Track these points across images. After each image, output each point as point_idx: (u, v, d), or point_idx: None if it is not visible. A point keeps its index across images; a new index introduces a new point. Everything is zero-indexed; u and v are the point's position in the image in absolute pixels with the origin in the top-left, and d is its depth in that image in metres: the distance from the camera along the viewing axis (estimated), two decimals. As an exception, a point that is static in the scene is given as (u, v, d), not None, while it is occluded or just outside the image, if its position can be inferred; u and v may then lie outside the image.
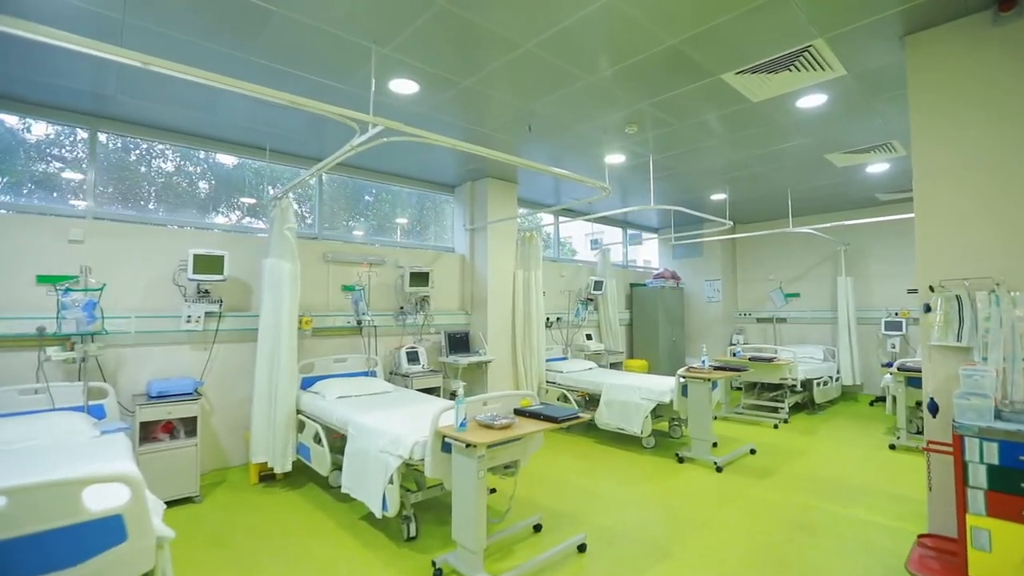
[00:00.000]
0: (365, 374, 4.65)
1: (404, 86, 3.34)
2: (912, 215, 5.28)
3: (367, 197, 5.65)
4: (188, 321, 3.84)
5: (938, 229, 2.62)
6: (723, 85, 3.37)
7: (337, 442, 3.60)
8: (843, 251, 7.22)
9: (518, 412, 2.93)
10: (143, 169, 4.14)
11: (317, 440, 3.60)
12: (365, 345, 4.86)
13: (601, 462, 4.46)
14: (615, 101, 3.61)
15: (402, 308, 5.21)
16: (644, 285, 7.86)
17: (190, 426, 3.61)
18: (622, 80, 3.29)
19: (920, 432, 5.16)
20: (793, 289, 7.96)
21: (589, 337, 6.75)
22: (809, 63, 3.08)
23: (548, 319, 6.49)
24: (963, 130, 2.57)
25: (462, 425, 2.54)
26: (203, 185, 4.45)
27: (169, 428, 3.59)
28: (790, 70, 3.17)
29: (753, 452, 4.65)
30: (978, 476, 2.09)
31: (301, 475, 4.04)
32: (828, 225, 5.99)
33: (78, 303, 3.20)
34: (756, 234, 6.49)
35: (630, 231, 8.62)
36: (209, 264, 3.78)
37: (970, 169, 2.54)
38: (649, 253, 9.91)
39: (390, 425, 3.03)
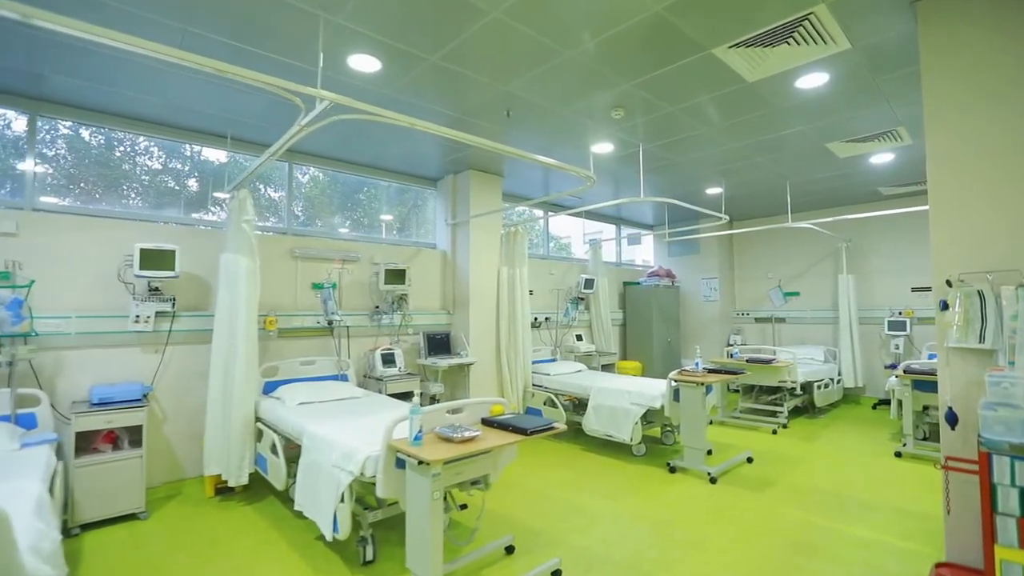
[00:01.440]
0: (335, 378, 4.35)
1: (364, 63, 3.04)
2: (919, 208, 5.07)
3: (360, 196, 5.36)
4: (136, 321, 3.54)
5: (955, 216, 2.32)
6: (715, 62, 3.07)
7: (295, 453, 3.29)
8: (844, 248, 6.92)
9: (486, 422, 2.63)
10: (88, 161, 3.84)
11: (274, 451, 3.30)
12: (336, 347, 4.56)
13: (587, 471, 4.15)
14: (599, 81, 3.31)
15: (378, 307, 4.91)
16: (638, 283, 7.56)
17: (135, 436, 3.31)
18: (604, 56, 2.99)
19: (927, 438, 4.86)
20: (793, 288, 7.67)
21: (579, 338, 6.45)
22: (810, 35, 2.78)
23: (536, 319, 6.19)
24: (987, 102, 2.27)
25: (416, 438, 2.24)
26: (161, 177, 4.16)
27: (112, 438, 3.29)
28: (788, 43, 2.87)
29: (750, 461, 4.35)
30: (1009, 501, 1.79)
31: (263, 487, 3.74)
32: (829, 220, 5.69)
33: (4, 301, 2.90)
34: (754, 229, 6.19)
35: (628, 230, 8.32)
36: (158, 259, 3.48)
37: (993, 149, 2.24)
38: (649, 253, 9.61)
39: (345, 436, 2.73)
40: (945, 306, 2.29)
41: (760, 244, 8.04)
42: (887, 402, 6.48)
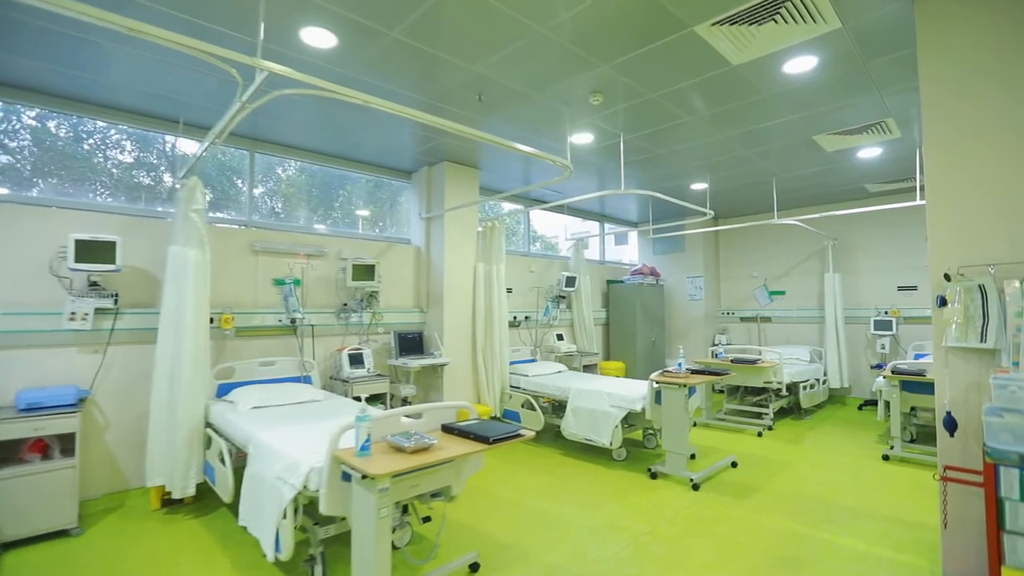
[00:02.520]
0: (297, 380, 4.08)
1: (319, 37, 2.79)
2: (907, 204, 4.95)
3: (339, 192, 5.09)
4: (72, 319, 3.25)
5: (954, 205, 2.14)
6: (698, 42, 2.86)
7: (243, 462, 3.03)
8: (831, 246, 6.80)
9: (446, 429, 2.40)
10: (15, 144, 3.53)
11: (223, 459, 3.03)
12: (299, 347, 4.29)
13: (564, 478, 3.94)
14: (575, 62, 3.09)
15: (345, 305, 4.64)
16: (621, 282, 7.37)
17: (68, 444, 3.02)
18: (580, 34, 2.77)
19: (914, 440, 4.73)
20: (778, 286, 7.54)
21: (560, 338, 6.24)
22: (798, 11, 2.59)
23: (515, 318, 5.96)
24: (988, 83, 2.09)
25: (364, 448, 2.00)
26: (108, 164, 3.86)
27: (42, 447, 3.00)
28: (775, 21, 2.67)
29: (734, 465, 4.17)
30: (1018, 518, 1.60)
31: (215, 498, 3.46)
32: (815, 216, 5.54)
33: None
34: (740, 226, 6.03)
35: (612, 227, 8.13)
36: (96, 251, 3.19)
37: (994, 132, 2.06)
38: (636, 253, 9.43)
39: (291, 445, 2.47)
40: (943, 302, 2.11)
41: (746, 242, 7.91)
42: (873, 403, 6.37)
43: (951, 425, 2.03)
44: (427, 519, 2.99)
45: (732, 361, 5.59)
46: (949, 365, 2.10)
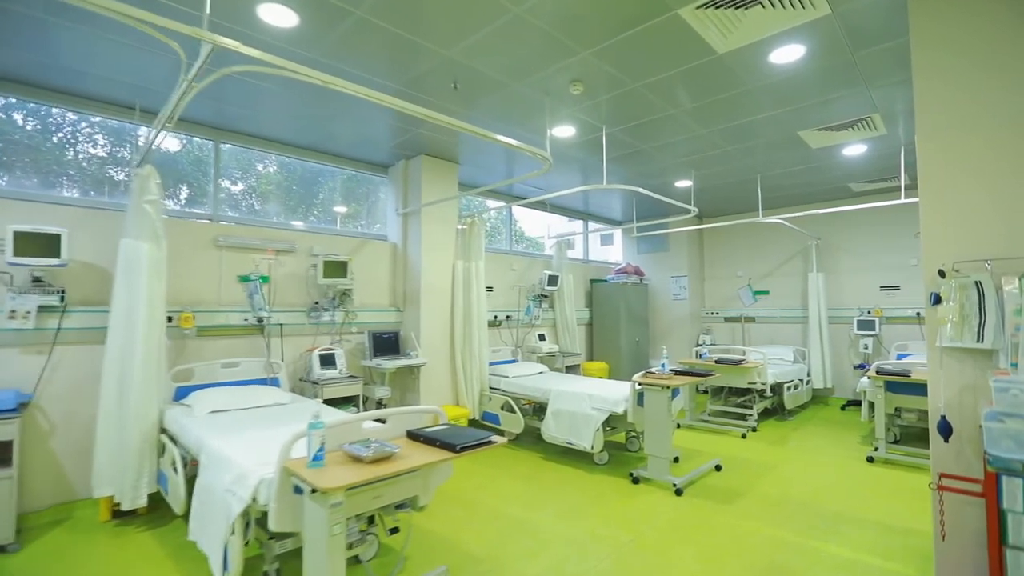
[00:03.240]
0: (263, 382, 3.87)
1: (277, 14, 2.60)
2: (892, 202, 4.89)
3: (316, 189, 4.88)
4: (12, 317, 3.01)
5: (949, 198, 2.03)
6: (682, 27, 2.73)
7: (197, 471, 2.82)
8: (814, 246, 6.75)
9: (411, 436, 2.23)
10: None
11: (176, 468, 2.82)
12: (266, 347, 4.07)
13: (543, 483, 3.79)
14: (554, 48, 2.94)
15: (317, 304, 4.44)
16: (605, 281, 7.25)
17: (5, 453, 2.78)
18: (559, 16, 2.62)
19: (898, 441, 4.67)
20: (762, 286, 7.48)
21: (542, 338, 6.09)
22: (786, -5, 2.48)
23: (495, 317, 5.80)
24: (983, 71, 1.98)
25: (316, 459, 1.82)
26: (61, 152, 3.61)
27: (-25, 456, 2.76)
28: (763, 5, 2.55)
29: (719, 469, 4.06)
30: (1022, 532, 1.48)
31: (170, 508, 3.23)
32: (800, 214, 5.47)
33: None
34: (724, 224, 5.94)
35: (596, 225, 8.00)
36: (39, 244, 2.96)
37: (992, 122, 1.95)
38: (621, 253, 9.33)
39: (243, 453, 2.28)
40: (937, 300, 1.99)
41: (730, 242, 7.84)
42: (855, 403, 6.33)
43: (946, 430, 1.92)
44: (395, 530, 2.81)
45: (716, 361, 5.49)
46: (944, 367, 1.98)
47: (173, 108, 2.39)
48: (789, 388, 5.74)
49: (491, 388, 5.03)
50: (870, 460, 4.28)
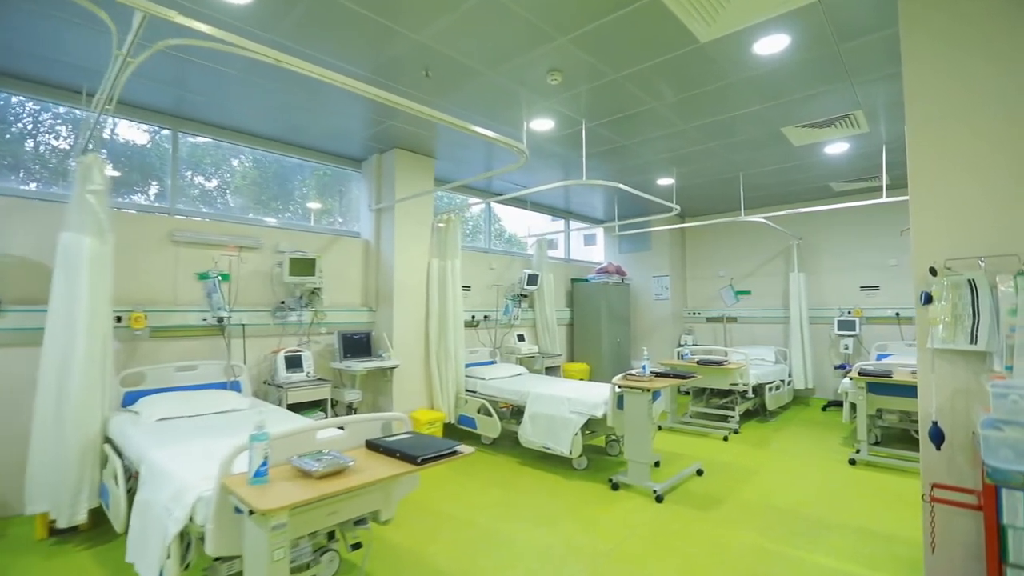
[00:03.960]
0: (222, 386, 3.65)
1: (230, -12, 2.40)
2: (874, 201, 4.83)
3: (293, 185, 4.65)
4: (-63, 317, 2.75)
5: (940, 192, 1.93)
6: (663, 12, 2.60)
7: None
8: (795, 245, 6.72)
9: (371, 446, 2.05)
10: None
11: (117, 481, 2.60)
12: (226, 349, 3.85)
13: (519, 490, 3.63)
14: (529, 33, 2.79)
15: (283, 303, 4.22)
16: (586, 280, 7.13)
17: (-75, 466, 2.53)
18: (533, -3, 2.47)
19: (879, 443, 4.62)
20: (744, 286, 7.44)
21: (521, 338, 5.93)
22: (771, -21, 2.36)
23: (473, 317, 5.63)
24: (976, 57, 1.88)
25: (259, 474, 1.64)
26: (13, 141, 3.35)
27: None
28: (747, -10, 2.43)
29: (700, 473, 3.95)
30: (1024, 550, 1.37)
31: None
32: (782, 213, 5.42)
33: None
34: (707, 223, 5.87)
35: (577, 224, 7.88)
36: (-33, 237, 2.71)
37: (985, 112, 1.85)
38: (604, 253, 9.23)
39: (185, 466, 2.08)
40: (928, 299, 1.89)
41: (712, 241, 7.79)
42: (836, 403, 6.31)
43: (938, 437, 1.81)
44: (357, 545, 2.61)
45: (698, 363, 5.40)
46: (936, 370, 1.88)
47: (111, 87, 2.18)
48: (771, 389, 5.68)
49: (467, 391, 4.86)
50: (852, 463, 4.22)
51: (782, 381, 6.02)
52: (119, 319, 3.32)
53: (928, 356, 1.90)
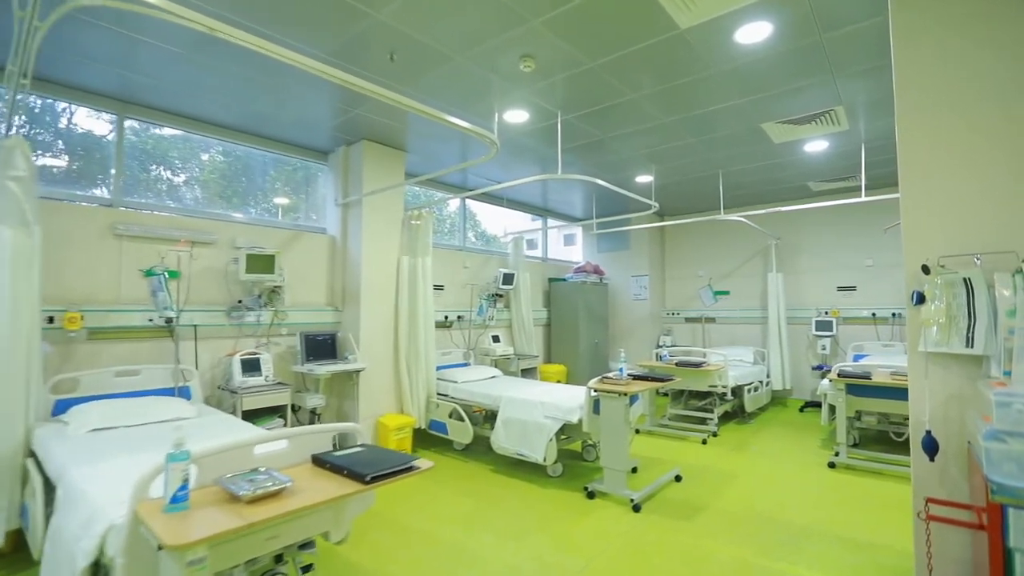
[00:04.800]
0: (169, 392, 3.37)
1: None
2: (853, 200, 4.78)
3: (250, 182, 4.37)
4: None
5: (933, 184, 1.80)
6: (641, -6, 2.45)
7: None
8: (774, 245, 6.68)
9: (317, 461, 1.84)
10: None
11: (36, 501, 2.33)
12: (175, 352, 3.57)
13: (490, 500, 3.45)
14: (499, 13, 2.61)
15: (240, 302, 3.96)
16: (564, 280, 6.98)
17: None
18: (501, -28, 2.29)
19: (857, 445, 4.56)
20: (723, 286, 7.38)
21: (496, 339, 5.75)
22: (754, -41, 2.22)
23: (446, 317, 5.43)
24: (971, 41, 1.76)
25: (177, 500, 1.42)
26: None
27: None
28: (729, -30, 2.29)
29: (678, 479, 3.81)
30: (1034, 578, 1.23)
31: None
32: (761, 212, 5.34)
33: None
34: (686, 221, 5.78)
35: (555, 222, 7.72)
36: None
37: (982, 99, 1.73)
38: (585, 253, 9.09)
39: (103, 487, 1.84)
40: (921, 299, 1.76)
41: (691, 241, 7.72)
42: (813, 404, 6.28)
43: (931, 447, 1.68)
44: (309, 568, 2.41)
45: (677, 364, 5.29)
46: (929, 375, 1.75)
47: (21, 55, 1.92)
48: (750, 390, 5.60)
49: (439, 394, 4.66)
50: (831, 466, 4.14)
51: (760, 382, 5.96)
52: (51, 319, 3.03)
53: (921, 360, 1.78)
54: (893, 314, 5.99)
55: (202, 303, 3.77)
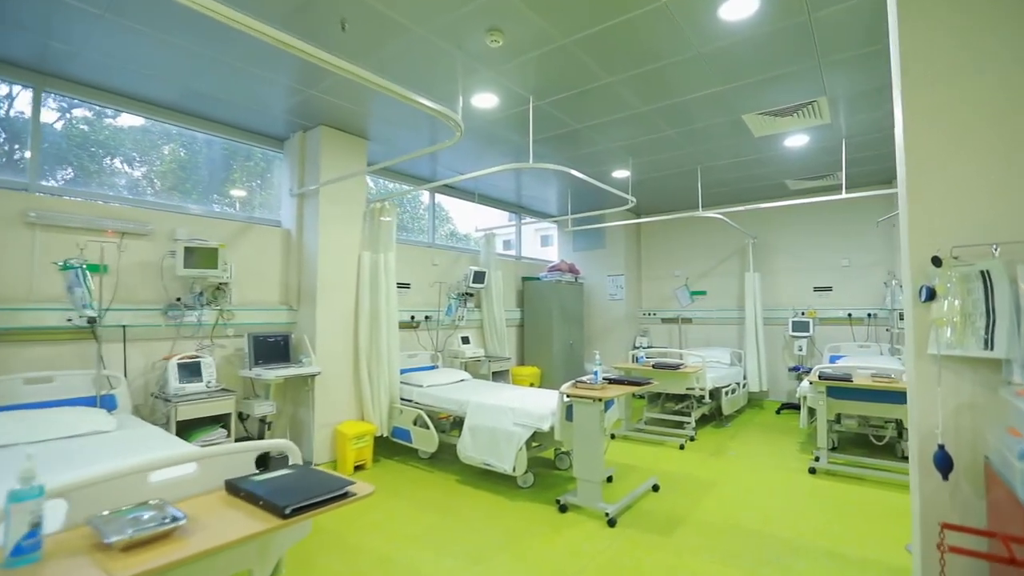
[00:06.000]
0: (91, 402, 2.99)
1: None
2: (832, 197, 4.62)
3: (221, 174, 3.97)
4: None
5: (943, 165, 1.59)
6: (619, -43, 2.20)
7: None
8: (751, 244, 6.56)
9: (231, 488, 1.53)
10: None
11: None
12: (98, 356, 3.18)
13: (455, 515, 3.16)
14: (461, -23, 2.33)
15: (179, 300, 3.58)
16: (538, 279, 6.73)
17: None
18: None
19: (836, 448, 4.42)
20: (700, 286, 7.24)
21: (466, 340, 5.46)
22: (743, -82, 1.99)
23: (412, 317, 5.12)
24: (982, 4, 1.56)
25: (21, 550, 1.10)
26: None
27: None
28: (715, -69, 2.06)
29: (656, 489, 3.59)
30: (1089, 631, 1.01)
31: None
32: (738, 209, 5.20)
33: None
34: (663, 218, 5.60)
35: (529, 219, 7.47)
36: None
37: (999, 66, 1.53)
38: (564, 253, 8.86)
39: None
40: (931, 295, 1.55)
41: (668, 240, 7.57)
42: (790, 405, 6.17)
43: (945, 464, 1.47)
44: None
45: (654, 366, 5.09)
46: (942, 381, 1.54)
47: None
48: (727, 393, 5.44)
49: (402, 399, 4.35)
50: (812, 471, 3.98)
51: (737, 384, 5.81)
52: (-56, 319, 2.63)
53: (931, 364, 1.57)
54: (869, 315, 5.93)
55: (133, 301, 3.39)
